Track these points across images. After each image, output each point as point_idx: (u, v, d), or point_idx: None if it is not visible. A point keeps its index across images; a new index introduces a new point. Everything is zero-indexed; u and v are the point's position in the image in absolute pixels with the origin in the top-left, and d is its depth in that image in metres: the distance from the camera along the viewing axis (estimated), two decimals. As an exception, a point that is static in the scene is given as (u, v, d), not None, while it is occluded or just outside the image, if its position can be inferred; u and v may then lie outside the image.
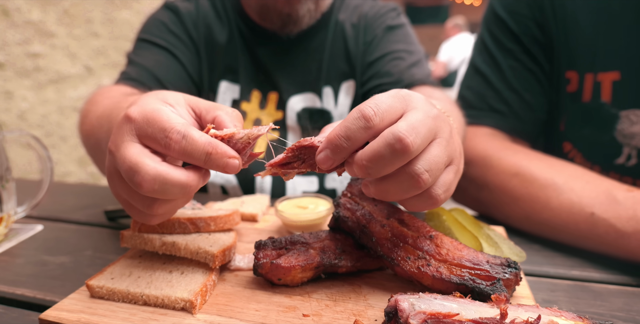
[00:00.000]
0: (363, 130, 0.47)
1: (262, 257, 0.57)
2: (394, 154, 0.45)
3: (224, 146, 0.49)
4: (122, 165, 0.47)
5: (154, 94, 0.55)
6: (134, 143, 0.48)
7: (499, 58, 1.05)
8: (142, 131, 0.48)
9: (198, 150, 0.48)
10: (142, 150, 0.48)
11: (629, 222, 0.70)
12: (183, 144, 0.47)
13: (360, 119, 0.46)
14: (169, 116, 0.49)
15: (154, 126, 0.47)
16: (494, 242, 0.66)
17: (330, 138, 0.47)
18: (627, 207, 0.71)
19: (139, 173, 0.46)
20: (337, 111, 1.16)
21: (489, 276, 0.53)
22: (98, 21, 2.71)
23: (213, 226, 0.67)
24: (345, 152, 0.48)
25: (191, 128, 0.49)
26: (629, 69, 0.94)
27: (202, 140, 0.48)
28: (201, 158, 0.48)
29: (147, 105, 0.50)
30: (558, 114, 1.07)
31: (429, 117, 0.48)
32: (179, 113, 0.53)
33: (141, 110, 0.49)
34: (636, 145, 0.97)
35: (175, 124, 0.48)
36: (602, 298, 0.65)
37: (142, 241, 0.63)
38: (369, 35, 1.15)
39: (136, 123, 0.48)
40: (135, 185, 0.46)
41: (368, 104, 0.48)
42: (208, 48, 1.15)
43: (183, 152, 0.48)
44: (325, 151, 0.48)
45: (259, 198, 0.91)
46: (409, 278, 0.57)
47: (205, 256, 0.60)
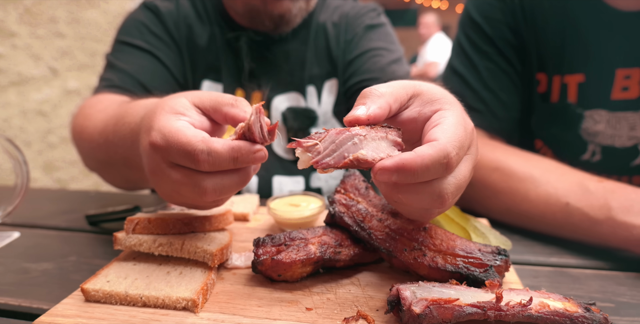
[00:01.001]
0: (439, 175, 0.46)
1: (262, 254, 0.58)
2: (439, 168, 0.45)
3: (245, 145, 0.51)
4: (182, 189, 0.54)
5: (163, 108, 0.56)
6: (171, 168, 0.54)
7: (476, 60, 1.10)
8: (172, 158, 0.53)
9: (225, 160, 0.51)
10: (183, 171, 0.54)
11: (601, 211, 0.75)
12: (211, 161, 0.51)
13: (443, 165, 0.45)
14: (187, 136, 0.52)
15: (179, 150, 0.51)
16: (481, 232, 0.69)
17: (404, 169, 0.44)
18: (599, 197, 0.76)
19: (200, 190, 0.53)
20: (320, 109, 1.17)
21: (482, 263, 0.56)
22: (63, 21, 2.61)
23: (208, 226, 0.67)
24: (407, 182, 0.46)
25: (211, 142, 0.51)
26: (592, 71, 1.01)
27: (225, 149, 0.51)
28: (230, 164, 0.51)
29: (165, 127, 0.53)
30: (530, 113, 1.13)
31: (467, 131, 0.50)
32: (192, 121, 0.56)
33: (162, 136, 0.53)
34: (599, 142, 1.05)
35: (197, 144, 0.51)
36: (580, 281, 0.69)
37: (137, 243, 0.62)
38: (350, 34, 1.17)
39: (162, 151, 0.53)
40: (203, 198, 0.54)
41: (452, 149, 0.45)
42: (190, 48, 1.13)
43: (213, 166, 0.51)
44: (392, 173, 0.45)
45: (248, 198, 0.92)
46: (405, 268, 0.59)
47: (204, 255, 0.60)
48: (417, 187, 0.47)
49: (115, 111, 0.81)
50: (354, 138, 0.48)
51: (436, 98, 0.52)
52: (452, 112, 0.50)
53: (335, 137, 0.48)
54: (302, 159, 0.48)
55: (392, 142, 0.50)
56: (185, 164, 0.52)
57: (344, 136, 0.48)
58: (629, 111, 0.99)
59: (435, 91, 0.53)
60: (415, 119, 0.52)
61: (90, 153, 0.93)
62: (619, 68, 0.98)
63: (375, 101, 0.50)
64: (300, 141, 0.48)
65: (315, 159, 0.48)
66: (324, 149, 0.48)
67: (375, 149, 0.48)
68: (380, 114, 0.49)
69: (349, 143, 0.48)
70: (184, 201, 0.57)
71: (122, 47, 1.11)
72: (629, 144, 1.02)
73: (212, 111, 0.57)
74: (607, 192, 0.76)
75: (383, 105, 0.50)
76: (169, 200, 0.59)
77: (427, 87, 0.53)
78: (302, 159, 0.48)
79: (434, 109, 0.51)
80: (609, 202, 0.75)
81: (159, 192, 0.59)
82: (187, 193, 0.54)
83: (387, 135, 0.50)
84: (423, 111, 0.52)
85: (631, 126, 1.01)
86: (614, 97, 1.00)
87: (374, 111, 0.49)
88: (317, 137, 0.49)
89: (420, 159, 0.44)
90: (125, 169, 0.80)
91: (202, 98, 0.57)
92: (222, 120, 0.57)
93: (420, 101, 0.53)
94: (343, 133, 0.48)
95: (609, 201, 0.75)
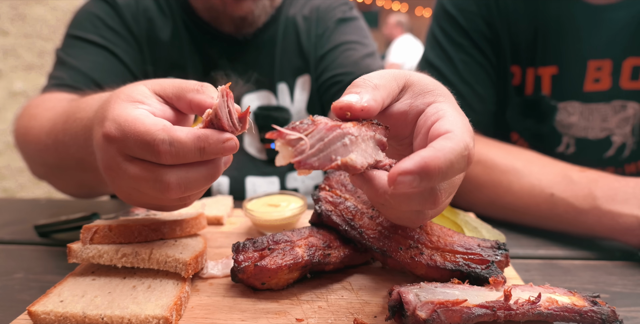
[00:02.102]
0: (462, 170, 0.41)
1: (243, 260, 0.52)
2: (462, 162, 0.40)
3: (213, 134, 0.46)
4: (141, 185, 0.47)
5: (119, 96, 0.50)
6: (128, 162, 0.47)
7: (451, 52, 1.08)
8: (128, 150, 0.47)
9: (190, 150, 0.45)
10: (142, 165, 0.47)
11: (586, 200, 0.74)
12: (174, 151, 0.45)
13: (466, 158, 0.40)
14: (145, 124, 0.46)
15: (137, 141, 0.45)
16: (473, 227, 0.66)
17: (429, 168, 0.37)
18: (583, 186, 0.76)
19: (162, 185, 0.46)
20: (294, 107, 1.12)
21: (482, 259, 0.52)
22: (6, 17, 2.40)
23: (179, 231, 0.60)
24: (432, 185, 0.40)
25: (173, 130, 0.45)
26: (564, 63, 1.02)
27: (190, 138, 0.45)
28: (196, 156, 0.46)
29: (120, 116, 0.47)
30: (504, 106, 1.13)
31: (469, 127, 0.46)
32: (152, 109, 0.50)
33: (117, 126, 0.47)
34: (573, 134, 1.06)
35: (157, 133, 0.45)
36: (570, 273, 0.68)
37: (96, 254, 0.54)
38: (321, 27, 1.13)
39: (118, 142, 0.47)
40: (166, 195, 0.47)
41: (470, 139, 0.41)
42: (151, 43, 1.05)
43: (176, 157, 0.45)
44: (414, 177, 0.37)
45: (221, 199, 0.84)
46: (401, 269, 0.54)
47: (176, 264, 0.53)
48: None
49: (64, 108, 0.72)
50: (345, 138, 0.41)
51: (428, 90, 0.48)
52: (448, 104, 0.46)
53: (324, 134, 0.41)
54: (282, 154, 0.41)
55: (377, 142, 0.45)
56: (145, 156, 0.46)
57: (335, 134, 0.41)
58: (601, 102, 1.01)
59: (427, 82, 0.49)
60: (406, 113, 0.48)
61: (37, 157, 0.83)
62: (590, 60, 0.99)
63: (369, 91, 0.45)
64: (283, 132, 0.40)
65: (298, 158, 0.40)
66: (310, 147, 0.40)
67: (363, 152, 0.43)
68: (375, 108, 0.44)
69: (339, 143, 0.41)
70: (146, 200, 0.51)
71: (74, 42, 1.01)
72: (601, 135, 1.04)
73: (176, 99, 0.51)
74: (591, 182, 0.76)
75: (378, 98, 0.45)
76: (128, 200, 0.52)
77: (418, 77, 0.49)
78: (282, 154, 0.41)
79: (427, 102, 0.47)
80: (593, 192, 0.74)
81: (116, 192, 0.52)
82: (148, 190, 0.47)
83: (375, 134, 0.45)
84: (415, 104, 0.47)
85: (603, 117, 1.03)
86: (586, 89, 1.01)
87: (369, 102, 0.43)
88: (302, 129, 0.41)
89: (442, 154, 0.38)
90: (78, 173, 0.72)
91: (163, 85, 0.51)
92: (187, 108, 0.51)
93: (411, 93, 0.48)
94: (334, 130, 0.41)
95: (593, 190, 0.74)
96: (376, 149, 0.45)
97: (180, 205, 0.54)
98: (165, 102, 0.52)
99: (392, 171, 0.38)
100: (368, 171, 0.43)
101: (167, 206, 0.54)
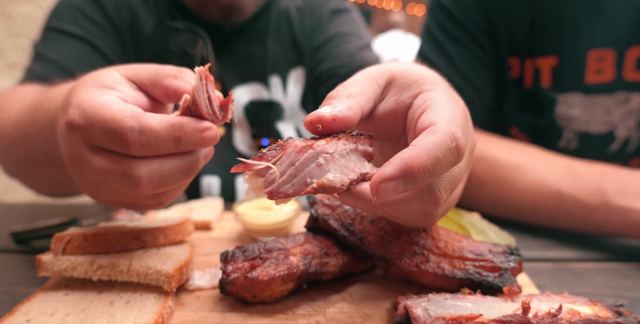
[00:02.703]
0: (453, 164, 0.37)
1: (232, 271, 0.47)
2: (450, 156, 0.36)
3: (190, 122, 0.41)
4: (108, 179, 0.42)
5: (86, 81, 0.46)
6: (93, 154, 0.42)
7: (447, 46, 1.04)
8: (94, 139, 0.42)
9: (163, 140, 0.41)
10: (109, 156, 0.42)
11: (595, 196, 0.70)
12: (144, 141, 0.40)
13: (453, 151, 0.36)
14: (113, 110, 0.41)
15: (103, 129, 0.41)
16: (480, 229, 0.62)
17: (412, 170, 0.34)
18: (591, 181, 0.72)
19: (131, 179, 0.41)
20: (287, 101, 1.08)
21: (495, 266, 0.48)
22: (-10, 15, 2.33)
23: (162, 239, 0.55)
24: (421, 186, 0.36)
25: (144, 117, 0.41)
26: (564, 53, 0.98)
27: (163, 126, 0.41)
28: (170, 146, 0.41)
29: (85, 102, 0.42)
30: (502, 99, 1.10)
31: (462, 108, 0.42)
32: (123, 96, 0.45)
33: (81, 112, 0.42)
34: (575, 128, 1.02)
35: (125, 121, 0.40)
36: (583, 276, 0.64)
37: (69, 267, 0.48)
38: (315, 19, 1.10)
39: (82, 131, 0.42)
40: (136, 190, 0.42)
41: (457, 129, 0.37)
42: (134, 35, 1.00)
43: (147, 148, 0.40)
44: (398, 182, 0.34)
45: (210, 203, 0.79)
46: (406, 277, 0.50)
47: (158, 277, 0.48)
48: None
49: (33, 99, 0.67)
50: (319, 157, 0.37)
51: (413, 80, 0.43)
52: (437, 91, 0.42)
53: (295, 158, 0.37)
54: (251, 186, 0.37)
55: (362, 153, 0.41)
56: (112, 146, 0.41)
57: (307, 156, 0.37)
58: (603, 94, 0.97)
59: (411, 72, 0.44)
60: (394, 111, 0.44)
61: (5, 153, 0.77)
62: (591, 49, 0.95)
63: (343, 100, 0.41)
64: (249, 163, 0.36)
65: (269, 189, 0.36)
66: (281, 174, 0.37)
67: (344, 169, 0.39)
68: (350, 117, 0.40)
69: (312, 164, 0.37)
70: (115, 197, 0.46)
71: (51, 34, 0.97)
72: (604, 129, 1.00)
73: (151, 85, 0.46)
74: (599, 176, 0.72)
75: (353, 105, 0.41)
76: (96, 198, 0.47)
77: (400, 69, 0.45)
78: (251, 186, 0.37)
79: (414, 94, 0.43)
80: (602, 187, 0.70)
81: (82, 188, 0.47)
82: (115, 185, 0.42)
83: (357, 146, 0.41)
84: (401, 99, 0.43)
85: (605, 110, 0.99)
86: (587, 81, 0.97)
87: (341, 112, 0.39)
88: (270, 156, 0.37)
89: (425, 151, 0.35)
90: (48, 169, 0.67)
91: (137, 70, 0.47)
92: (163, 96, 0.47)
93: (396, 89, 0.44)
94: (305, 152, 0.37)
95: (603, 185, 0.70)
96: (361, 161, 0.41)
97: (156, 204, 0.49)
98: (140, 89, 0.47)
99: (372, 180, 0.35)
100: (354, 186, 0.39)
101: (140, 204, 0.49)
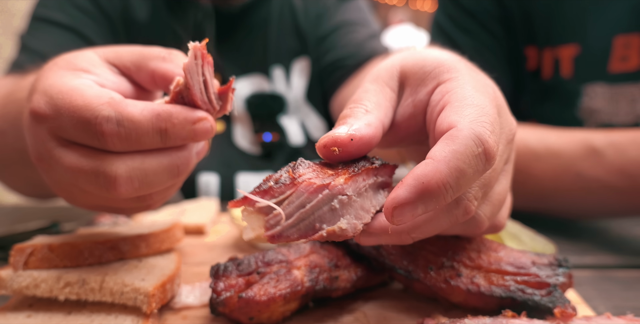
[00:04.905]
0: (482, 171, 0.31)
1: (223, 289, 0.39)
2: (477, 164, 0.30)
3: (180, 111, 0.35)
4: (80, 178, 0.36)
5: (56, 63, 0.39)
6: (63, 148, 0.36)
7: (458, 38, 0.98)
8: (63, 131, 0.36)
9: (146, 132, 0.34)
10: (81, 151, 0.36)
11: (622, 178, 0.64)
12: (123, 133, 0.33)
13: (481, 157, 0.30)
14: (85, 96, 0.34)
15: (73, 118, 0.34)
16: (512, 234, 0.54)
17: (429, 189, 0.29)
18: (613, 160, 0.65)
19: (106, 179, 0.35)
20: (291, 93, 1.00)
21: (541, 282, 0.39)
22: (-13, 12, 2.29)
23: (144, 249, 0.47)
24: (445, 203, 0.30)
25: (123, 105, 0.34)
26: (587, 41, 0.90)
27: (147, 116, 0.34)
28: (156, 140, 0.34)
29: (53, 87, 0.36)
30: (520, 92, 1.02)
31: (492, 96, 0.36)
32: (100, 80, 0.38)
33: (47, 99, 0.36)
34: (597, 121, 0.95)
35: (100, 108, 0.33)
36: (631, 287, 0.56)
37: (31, 284, 0.41)
38: (320, 6, 1.03)
39: (49, 121, 0.35)
40: (112, 192, 0.35)
41: (483, 128, 0.30)
42: (127, 23, 0.95)
43: (126, 141, 0.34)
44: (415, 204, 0.29)
45: (204, 204, 0.72)
46: (432, 294, 0.42)
47: (135, 296, 0.40)
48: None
49: (7, 90, 0.60)
50: (334, 200, 0.31)
51: (427, 72, 0.36)
52: (456, 80, 0.35)
53: (306, 199, 0.30)
54: (250, 225, 0.30)
55: (380, 185, 0.35)
56: (84, 140, 0.35)
57: (321, 198, 0.31)
58: (629, 83, 0.89)
59: (423, 63, 0.37)
60: (413, 114, 0.37)
61: None
62: (616, 35, 0.87)
63: (359, 117, 0.34)
64: (251, 198, 0.30)
65: (271, 232, 0.30)
66: (287, 216, 0.30)
67: (359, 211, 0.32)
68: (370, 135, 0.33)
69: (325, 207, 0.31)
70: (92, 200, 0.39)
71: (37, 24, 0.92)
72: (628, 121, 0.93)
73: (135, 69, 0.39)
74: (620, 153, 0.65)
75: (372, 121, 0.34)
76: (71, 201, 0.41)
77: (412, 62, 0.38)
78: (250, 225, 0.30)
79: (430, 89, 0.36)
80: (625, 168, 0.63)
81: (54, 189, 0.40)
82: (89, 186, 0.36)
83: (377, 178, 0.35)
84: (418, 98, 0.37)
85: (631, 100, 0.91)
86: (611, 69, 0.90)
87: (359, 129, 0.33)
88: (278, 192, 0.30)
89: (444, 164, 0.29)
90: (22, 168, 0.61)
91: (119, 52, 0.40)
92: (149, 82, 0.40)
93: (410, 88, 0.38)
94: (319, 192, 0.30)
95: (625, 165, 0.63)
96: (377, 194, 0.35)
97: (141, 207, 0.42)
98: (122, 74, 0.41)
99: (385, 205, 0.30)
100: (373, 224, 0.33)
101: (123, 208, 0.42)
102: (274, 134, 0.98)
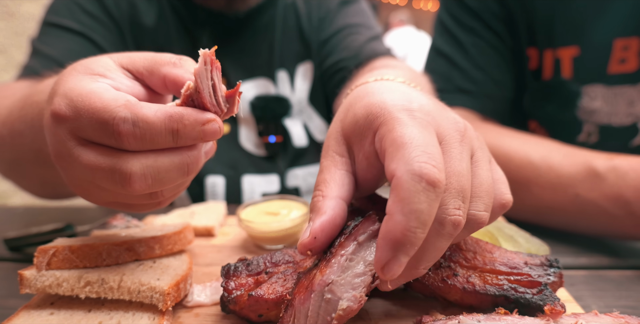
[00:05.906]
0: (438, 197, 0.33)
1: (234, 288, 0.42)
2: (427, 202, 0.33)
3: (190, 113, 0.37)
4: (97, 175, 0.38)
5: (75, 68, 0.42)
6: (81, 148, 0.38)
7: (461, 37, 0.99)
8: (82, 132, 0.38)
9: (159, 132, 0.36)
10: (98, 150, 0.38)
11: (618, 204, 0.64)
12: (138, 133, 0.36)
13: (427, 189, 0.32)
14: (103, 99, 0.37)
15: (92, 119, 0.37)
16: (508, 235, 0.56)
17: (397, 240, 0.32)
18: (611, 184, 0.65)
19: (122, 176, 0.37)
20: (294, 96, 1.02)
21: (532, 281, 0.42)
22: (-5, 15, 2.32)
23: (158, 250, 0.50)
24: (420, 243, 0.33)
25: (138, 107, 0.36)
26: (587, 43, 0.91)
27: (160, 117, 0.36)
28: (167, 140, 0.37)
29: (73, 90, 0.38)
30: (522, 91, 1.04)
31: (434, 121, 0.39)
32: (116, 84, 0.41)
33: (68, 101, 0.38)
34: (595, 121, 0.96)
35: (117, 110, 0.36)
36: (624, 287, 0.58)
37: (54, 283, 0.44)
38: (323, 10, 1.05)
39: (69, 122, 0.38)
40: (127, 188, 0.38)
41: (416, 162, 0.33)
42: (134, 28, 0.97)
43: (141, 141, 0.36)
44: (396, 258, 0.33)
45: (212, 206, 0.74)
46: (430, 293, 0.44)
47: (151, 294, 0.42)
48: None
49: (23, 93, 0.63)
50: (325, 294, 0.35)
51: (361, 126, 0.41)
52: (387, 123, 0.38)
53: (304, 309, 0.35)
54: None
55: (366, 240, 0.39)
56: (102, 139, 0.38)
57: (313, 300, 0.35)
58: (627, 84, 0.91)
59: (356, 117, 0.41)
60: (370, 165, 0.41)
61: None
62: (616, 38, 0.89)
63: (319, 208, 0.39)
64: None
65: None
66: None
67: (353, 280, 0.36)
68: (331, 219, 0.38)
69: (322, 304, 0.35)
70: (107, 197, 0.42)
71: (48, 29, 0.94)
72: (627, 122, 0.94)
73: (148, 74, 0.42)
74: (619, 179, 0.65)
75: (330, 205, 0.38)
76: (86, 197, 0.43)
77: (349, 119, 0.42)
78: None
79: (370, 140, 0.40)
80: (623, 194, 0.63)
81: (71, 186, 0.42)
82: (105, 182, 0.38)
83: (357, 240, 0.38)
84: (366, 151, 0.41)
85: (628, 102, 0.93)
86: (610, 71, 0.91)
87: (321, 223, 0.38)
88: (288, 318, 0.36)
89: (399, 214, 0.32)
90: (38, 169, 0.63)
91: (132, 58, 0.43)
92: (160, 86, 0.42)
93: (356, 145, 0.42)
94: (309, 298, 0.35)
95: (624, 191, 0.63)
96: (370, 247, 0.38)
97: (152, 204, 0.45)
98: (135, 78, 0.43)
99: (375, 269, 0.34)
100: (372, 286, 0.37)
101: (135, 205, 0.44)
102: (278, 136, 1.00)
